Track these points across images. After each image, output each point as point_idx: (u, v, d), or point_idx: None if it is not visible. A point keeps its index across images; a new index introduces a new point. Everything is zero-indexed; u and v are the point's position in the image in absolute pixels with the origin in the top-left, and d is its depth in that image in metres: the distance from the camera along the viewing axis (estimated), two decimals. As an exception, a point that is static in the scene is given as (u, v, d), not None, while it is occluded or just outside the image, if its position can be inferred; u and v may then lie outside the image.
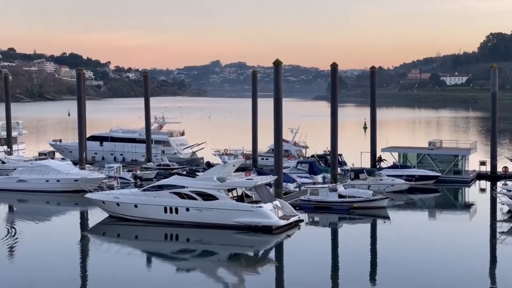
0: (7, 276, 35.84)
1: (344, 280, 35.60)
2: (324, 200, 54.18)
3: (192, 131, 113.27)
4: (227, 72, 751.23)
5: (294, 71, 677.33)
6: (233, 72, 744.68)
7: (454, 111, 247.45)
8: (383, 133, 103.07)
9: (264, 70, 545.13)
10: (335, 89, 67.09)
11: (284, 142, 66.30)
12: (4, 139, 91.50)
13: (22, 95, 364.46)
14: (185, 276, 37.00)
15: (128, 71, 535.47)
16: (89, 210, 55.25)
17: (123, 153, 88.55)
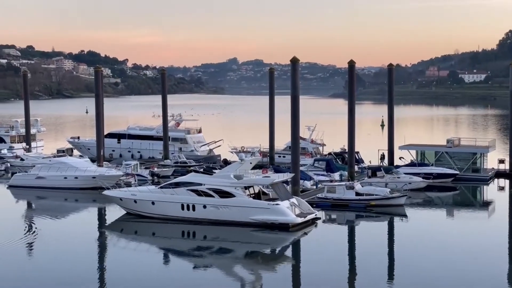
0: (27, 273, 36.09)
1: (361, 278, 35.49)
2: (341, 198, 54.07)
3: (209, 128, 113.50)
4: (244, 69, 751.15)
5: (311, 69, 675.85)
6: (250, 69, 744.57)
7: (473, 109, 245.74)
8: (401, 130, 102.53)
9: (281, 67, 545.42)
10: (352, 86, 66.89)
11: (301, 140, 66.24)
12: (23, 136, 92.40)
13: (41, 93, 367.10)
14: (202, 273, 37.08)
15: (146, 68, 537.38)
16: (107, 207, 55.53)
17: (140, 151, 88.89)
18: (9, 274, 35.43)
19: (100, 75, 78.87)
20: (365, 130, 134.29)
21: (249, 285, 34.91)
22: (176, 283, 34.39)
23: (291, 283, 35.38)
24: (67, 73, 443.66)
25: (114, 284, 34.26)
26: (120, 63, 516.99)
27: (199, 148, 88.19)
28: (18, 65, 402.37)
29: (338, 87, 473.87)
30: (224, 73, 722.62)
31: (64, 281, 34.34)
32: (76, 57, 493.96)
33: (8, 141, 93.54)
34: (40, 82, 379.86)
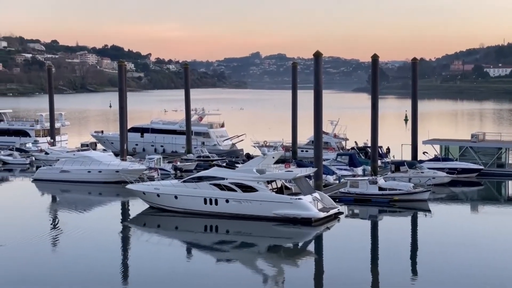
0: (50, 266, 36.38)
1: (384, 273, 35.30)
2: (364, 193, 53.83)
3: (232, 123, 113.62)
4: (267, 63, 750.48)
5: (334, 63, 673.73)
6: (273, 63, 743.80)
7: (498, 103, 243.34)
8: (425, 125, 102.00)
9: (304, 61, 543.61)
10: (375, 80, 66.55)
11: (324, 134, 66.00)
12: (47, 130, 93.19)
13: (65, 87, 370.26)
14: (225, 267, 37.14)
15: (169, 63, 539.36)
16: (130, 201, 55.82)
17: (163, 145, 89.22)
18: (33, 268, 35.71)
19: (124, 70, 79.23)
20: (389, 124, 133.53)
21: (271, 279, 34.88)
22: (199, 277, 34.46)
23: (313, 278, 35.29)
24: (91, 67, 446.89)
25: (137, 278, 34.41)
26: (144, 58, 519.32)
27: (222, 143, 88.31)
28: (43, 59, 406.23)
29: (361, 82, 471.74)
30: (247, 68, 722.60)
31: (88, 274, 34.57)
32: (100, 51, 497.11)
33: (33, 135, 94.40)
34: (64, 77, 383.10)
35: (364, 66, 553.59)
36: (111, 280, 33.70)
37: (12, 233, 43.33)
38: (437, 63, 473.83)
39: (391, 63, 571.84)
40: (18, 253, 38.20)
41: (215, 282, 33.61)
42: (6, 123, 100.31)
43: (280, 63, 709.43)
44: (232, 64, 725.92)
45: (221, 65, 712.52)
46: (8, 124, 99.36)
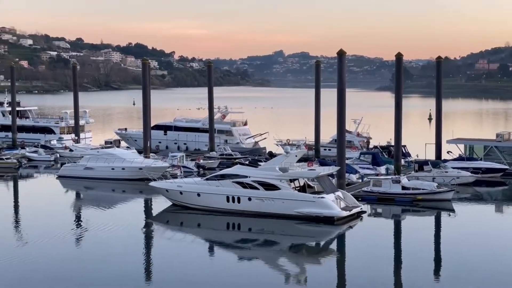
0: (74, 264, 36.63)
1: (407, 274, 35.11)
2: (387, 192, 53.57)
3: (255, 121, 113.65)
4: (290, 62, 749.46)
5: (357, 61, 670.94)
6: (296, 62, 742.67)
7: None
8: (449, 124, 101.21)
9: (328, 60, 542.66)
10: (399, 79, 66.18)
11: (347, 133, 65.81)
12: (72, 128, 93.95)
13: (89, 85, 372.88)
14: (247, 265, 37.19)
15: (192, 61, 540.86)
16: (153, 198, 56.09)
17: (186, 142, 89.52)
18: (57, 266, 35.96)
19: (148, 67, 79.60)
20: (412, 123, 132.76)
21: (294, 278, 34.85)
22: (221, 275, 34.54)
23: (335, 276, 35.19)
24: (115, 65, 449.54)
25: (160, 275, 34.57)
26: (167, 56, 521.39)
27: (245, 141, 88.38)
28: (68, 57, 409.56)
29: (384, 80, 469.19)
30: (270, 66, 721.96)
31: (110, 272, 34.82)
32: (124, 49, 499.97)
33: (57, 132, 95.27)
34: (89, 74, 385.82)
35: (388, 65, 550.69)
36: (134, 277, 33.88)
37: (36, 231, 43.73)
38: (462, 62, 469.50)
39: (415, 62, 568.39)
40: (42, 250, 38.48)
41: (237, 280, 33.66)
42: (31, 120, 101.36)
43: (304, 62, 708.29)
44: (255, 62, 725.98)
45: (244, 63, 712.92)
46: (34, 121, 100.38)
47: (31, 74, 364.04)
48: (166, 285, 32.96)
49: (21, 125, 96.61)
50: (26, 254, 37.60)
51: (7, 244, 39.95)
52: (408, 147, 74.15)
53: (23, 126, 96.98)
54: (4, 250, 38.32)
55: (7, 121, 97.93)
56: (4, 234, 42.77)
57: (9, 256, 37.05)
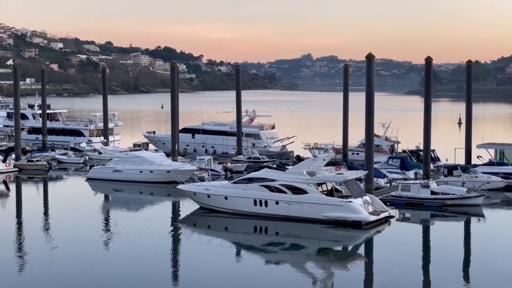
0: (103, 267, 36.87)
1: (435, 279, 34.72)
2: (416, 197, 53.10)
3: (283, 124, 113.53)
4: (318, 65, 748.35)
5: (386, 65, 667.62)
6: (324, 65, 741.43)
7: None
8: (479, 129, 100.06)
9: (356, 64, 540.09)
10: (429, 83, 65.64)
11: (375, 137, 65.38)
12: (101, 130, 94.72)
13: (118, 88, 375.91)
14: (274, 269, 37.10)
15: (220, 64, 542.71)
16: (181, 201, 56.25)
17: (214, 146, 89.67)
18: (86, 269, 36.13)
19: (176, 71, 79.95)
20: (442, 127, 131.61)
21: (321, 282, 34.70)
22: (248, 278, 34.50)
23: (363, 281, 34.96)
24: (144, 68, 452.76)
25: (187, 278, 34.66)
26: (195, 59, 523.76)
27: (272, 144, 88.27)
28: (97, 60, 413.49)
29: (413, 84, 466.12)
30: (298, 69, 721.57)
31: (138, 274, 34.95)
32: (152, 52, 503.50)
33: (87, 135, 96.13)
34: (118, 78, 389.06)
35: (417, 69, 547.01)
36: (161, 280, 33.98)
37: (65, 233, 44.00)
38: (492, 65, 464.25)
39: (445, 66, 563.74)
40: (71, 253, 38.66)
41: (264, 283, 33.60)
42: (61, 123, 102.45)
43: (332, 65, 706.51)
44: (283, 66, 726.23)
45: (272, 66, 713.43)
46: (63, 124, 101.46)
47: (61, 77, 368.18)
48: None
49: (51, 127, 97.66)
50: (55, 257, 37.84)
51: (36, 247, 40.30)
52: (438, 152, 73.45)
53: (53, 129, 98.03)
54: (33, 253, 38.69)
55: (37, 123, 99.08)
56: (33, 236, 43.18)
57: (38, 259, 37.37)
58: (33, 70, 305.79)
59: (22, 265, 36.47)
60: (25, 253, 39.15)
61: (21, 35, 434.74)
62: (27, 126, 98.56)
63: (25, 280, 34.14)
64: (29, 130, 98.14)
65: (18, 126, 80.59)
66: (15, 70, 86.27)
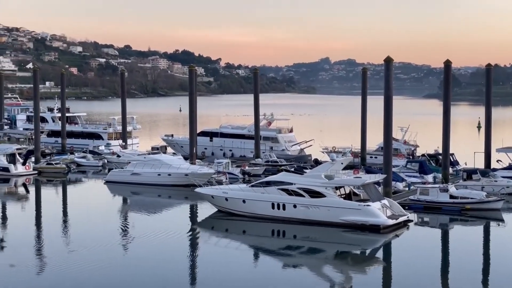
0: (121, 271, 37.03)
1: (454, 284, 34.52)
2: (435, 201, 52.80)
3: (301, 128, 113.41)
4: (337, 69, 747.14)
5: (404, 69, 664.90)
6: (342, 69, 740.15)
7: None
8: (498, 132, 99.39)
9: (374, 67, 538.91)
10: (448, 86, 65.31)
11: (393, 141, 65.13)
12: (119, 133, 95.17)
13: (137, 91, 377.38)
14: (292, 272, 37.04)
15: (238, 67, 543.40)
16: (199, 204, 56.36)
17: (232, 149, 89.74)
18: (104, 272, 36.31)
19: (194, 74, 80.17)
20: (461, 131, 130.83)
21: (339, 286, 34.60)
22: (266, 282, 34.47)
23: (381, 286, 34.82)
24: (162, 72, 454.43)
25: (204, 281, 34.69)
26: (213, 62, 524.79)
27: (290, 148, 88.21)
28: (116, 64, 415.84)
29: (432, 88, 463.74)
30: (316, 73, 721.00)
31: (156, 277, 35.06)
32: (171, 56, 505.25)
33: (105, 138, 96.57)
34: (136, 81, 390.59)
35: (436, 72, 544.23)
36: (179, 283, 34.10)
37: (83, 236, 44.16)
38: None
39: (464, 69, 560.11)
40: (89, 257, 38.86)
41: (282, 287, 33.54)
42: (80, 126, 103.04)
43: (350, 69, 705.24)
44: (301, 69, 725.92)
45: (290, 70, 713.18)
46: (82, 127, 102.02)
47: (80, 81, 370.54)
48: (211, 291, 33.06)
49: (70, 130, 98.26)
50: (74, 260, 38.00)
51: (55, 249, 40.55)
52: (456, 156, 72.97)
53: (72, 132, 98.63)
54: (52, 256, 38.92)
55: (57, 126, 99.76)
56: (52, 239, 43.38)
57: (57, 262, 37.57)
58: (53, 74, 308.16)
59: (41, 268, 36.71)
60: (44, 256, 39.41)
61: (41, 39, 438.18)
62: (47, 129, 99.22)
63: (44, 283, 34.34)
64: (49, 133, 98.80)
65: (38, 129, 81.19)
66: (35, 74, 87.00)
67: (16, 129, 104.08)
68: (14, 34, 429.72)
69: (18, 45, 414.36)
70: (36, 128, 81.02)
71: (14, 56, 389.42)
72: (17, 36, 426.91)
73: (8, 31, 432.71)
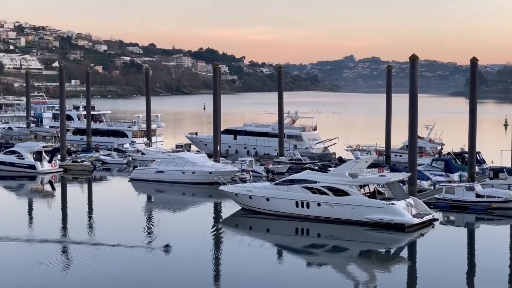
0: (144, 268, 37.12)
1: (479, 284, 34.19)
2: (460, 199, 52.30)
3: (325, 126, 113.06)
4: (361, 67, 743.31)
5: (430, 66, 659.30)
6: (366, 67, 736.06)
7: None
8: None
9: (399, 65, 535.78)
10: (474, 84, 64.67)
11: (418, 139, 64.64)
12: (144, 131, 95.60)
13: (161, 89, 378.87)
14: (316, 271, 36.94)
15: (262, 66, 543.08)
16: (223, 202, 56.43)
17: (256, 147, 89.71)
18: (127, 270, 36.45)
19: (218, 72, 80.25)
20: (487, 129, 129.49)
21: (363, 285, 34.41)
22: (289, 280, 34.40)
23: (405, 285, 34.60)
24: (186, 70, 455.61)
25: (228, 279, 34.71)
26: (237, 61, 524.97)
27: (314, 146, 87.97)
28: (141, 62, 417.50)
29: (458, 85, 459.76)
30: (340, 71, 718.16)
31: (180, 275, 35.18)
32: (195, 54, 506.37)
33: (130, 136, 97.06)
34: (161, 79, 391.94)
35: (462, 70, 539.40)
36: (202, 281, 34.13)
37: (108, 234, 44.41)
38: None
39: (490, 67, 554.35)
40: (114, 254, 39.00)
41: (306, 285, 33.46)
42: (105, 124, 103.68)
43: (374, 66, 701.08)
44: (325, 67, 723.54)
45: (314, 68, 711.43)
46: (107, 125, 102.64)
47: (105, 79, 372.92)
48: (235, 289, 33.08)
49: (96, 128, 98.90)
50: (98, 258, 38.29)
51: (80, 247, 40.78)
52: (483, 154, 72.20)
53: (97, 130, 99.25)
54: (77, 254, 39.23)
55: (82, 124, 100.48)
56: (77, 236, 43.51)
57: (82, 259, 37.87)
58: (78, 72, 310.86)
59: (66, 265, 36.99)
60: (69, 253, 39.73)
61: (67, 37, 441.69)
62: (72, 127, 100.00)
63: (69, 281, 34.51)
64: (74, 131, 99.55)
65: (64, 127, 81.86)
66: (61, 72, 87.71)
67: (42, 127, 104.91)
68: (40, 33, 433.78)
69: (44, 43, 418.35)
70: (62, 126, 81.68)
71: (41, 54, 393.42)
72: (43, 35, 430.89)
73: (35, 30, 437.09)
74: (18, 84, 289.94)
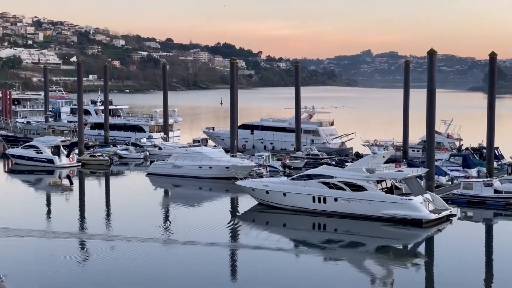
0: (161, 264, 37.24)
1: (498, 280, 33.97)
2: (478, 195, 51.98)
3: (342, 121, 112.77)
4: (378, 62, 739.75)
5: (448, 61, 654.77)
6: (384, 62, 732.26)
7: None
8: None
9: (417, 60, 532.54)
10: (493, 79, 64.22)
11: (436, 134, 64.28)
12: (161, 126, 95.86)
13: (178, 84, 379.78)
14: (333, 266, 36.90)
15: (279, 60, 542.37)
16: (239, 197, 56.49)
17: (273, 142, 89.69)
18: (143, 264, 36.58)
19: (235, 67, 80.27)
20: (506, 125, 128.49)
21: (380, 280, 34.32)
22: (306, 275, 34.39)
23: (423, 280, 34.49)
24: (203, 65, 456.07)
25: (245, 274, 34.79)
26: (254, 55, 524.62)
27: (331, 141, 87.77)
28: (158, 57, 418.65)
29: (476, 80, 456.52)
30: (357, 66, 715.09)
31: (196, 270, 35.26)
32: (212, 49, 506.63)
33: (147, 131, 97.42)
34: (178, 74, 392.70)
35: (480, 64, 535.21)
36: (219, 275, 34.20)
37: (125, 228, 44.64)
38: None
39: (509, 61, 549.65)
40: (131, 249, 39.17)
41: (322, 280, 33.46)
42: (122, 118, 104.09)
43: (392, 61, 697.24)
44: (342, 62, 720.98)
45: (332, 63, 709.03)
46: (125, 120, 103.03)
47: (123, 74, 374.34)
48: (251, 284, 33.12)
49: (113, 123, 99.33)
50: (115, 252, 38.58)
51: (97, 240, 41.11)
52: (501, 149, 71.71)
53: (115, 124, 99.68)
54: (94, 248, 39.51)
55: (100, 119, 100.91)
56: (94, 231, 43.84)
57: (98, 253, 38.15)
58: (96, 67, 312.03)
59: (83, 259, 37.22)
60: (86, 246, 40.01)
61: (85, 32, 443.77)
62: (90, 121, 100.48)
63: (84, 273, 34.73)
64: (92, 125, 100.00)
65: (82, 121, 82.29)
66: (78, 67, 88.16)
67: (60, 121, 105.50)
68: (58, 27, 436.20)
69: (62, 38, 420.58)
70: (79, 120, 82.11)
71: (59, 49, 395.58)
72: (61, 30, 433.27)
73: (53, 24, 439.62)
74: (36, 78, 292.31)
